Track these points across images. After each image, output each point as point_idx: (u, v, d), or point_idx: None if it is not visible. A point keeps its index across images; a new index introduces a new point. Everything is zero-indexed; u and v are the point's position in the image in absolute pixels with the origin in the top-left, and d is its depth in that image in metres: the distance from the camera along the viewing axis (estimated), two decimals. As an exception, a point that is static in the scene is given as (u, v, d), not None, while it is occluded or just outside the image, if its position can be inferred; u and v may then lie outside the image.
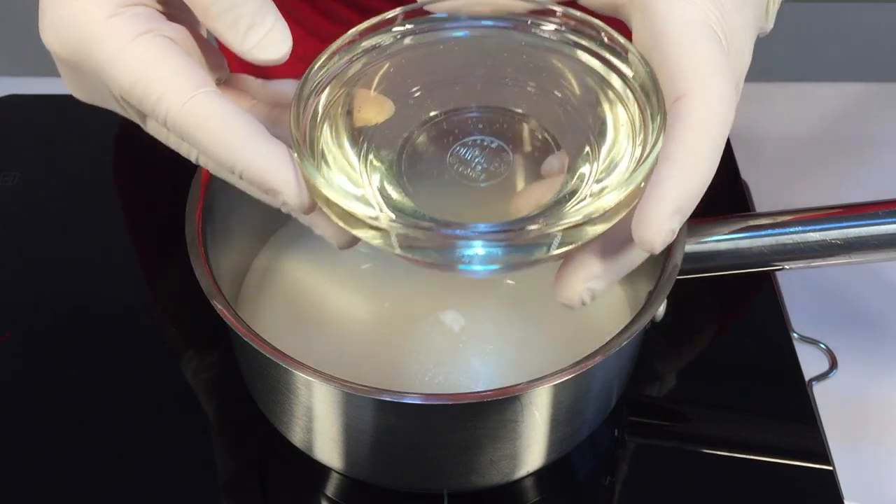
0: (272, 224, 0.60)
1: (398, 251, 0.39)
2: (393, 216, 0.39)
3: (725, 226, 0.52)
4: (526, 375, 0.46)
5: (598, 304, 0.57)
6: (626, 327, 0.47)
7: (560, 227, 0.38)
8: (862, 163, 0.71)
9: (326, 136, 0.42)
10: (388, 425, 0.47)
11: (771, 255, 0.52)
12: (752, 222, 0.53)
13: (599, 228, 0.38)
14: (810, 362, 0.58)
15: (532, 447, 0.49)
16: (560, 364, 0.45)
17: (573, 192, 0.40)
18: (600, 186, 0.39)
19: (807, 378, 0.57)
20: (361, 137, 0.42)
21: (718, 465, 0.55)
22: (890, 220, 0.52)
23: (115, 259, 0.63)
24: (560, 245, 0.38)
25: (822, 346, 0.59)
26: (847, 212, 0.52)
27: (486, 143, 0.42)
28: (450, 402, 0.44)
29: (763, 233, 0.52)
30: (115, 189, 0.67)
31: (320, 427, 0.49)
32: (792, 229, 0.52)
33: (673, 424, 0.57)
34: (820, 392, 0.57)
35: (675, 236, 0.38)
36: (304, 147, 0.40)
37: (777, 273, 0.61)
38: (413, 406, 0.44)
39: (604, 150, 0.41)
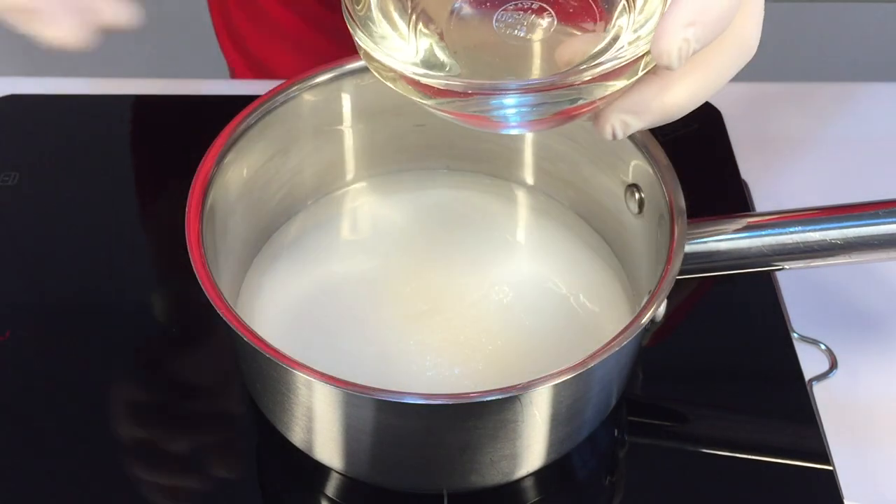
0: (272, 224, 0.60)
1: (450, 107, 0.41)
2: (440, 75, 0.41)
3: (725, 226, 0.52)
4: (526, 375, 0.45)
5: (598, 304, 0.57)
6: (626, 327, 0.47)
7: (594, 76, 0.39)
8: (862, 163, 0.71)
9: (377, 10, 0.44)
10: (388, 425, 0.47)
11: (771, 255, 0.52)
12: (752, 222, 0.52)
13: (632, 77, 0.40)
14: (810, 362, 0.58)
15: (532, 447, 0.49)
16: (560, 364, 0.45)
17: (612, 44, 0.42)
18: (636, 36, 0.41)
19: (807, 378, 0.57)
20: (409, 9, 0.44)
21: (718, 465, 0.55)
22: (890, 220, 0.52)
23: (116, 259, 0.63)
24: (596, 94, 0.40)
25: (822, 346, 0.59)
26: (847, 212, 0.52)
27: (527, 6, 0.44)
28: (450, 402, 0.44)
29: (763, 233, 0.52)
30: (119, 182, 0.67)
31: (320, 427, 0.49)
32: (792, 229, 0.52)
33: (673, 424, 0.57)
34: (820, 392, 0.57)
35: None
36: (355, 20, 0.42)
37: (777, 273, 0.61)
38: (413, 406, 0.44)
39: (639, 1, 0.43)
